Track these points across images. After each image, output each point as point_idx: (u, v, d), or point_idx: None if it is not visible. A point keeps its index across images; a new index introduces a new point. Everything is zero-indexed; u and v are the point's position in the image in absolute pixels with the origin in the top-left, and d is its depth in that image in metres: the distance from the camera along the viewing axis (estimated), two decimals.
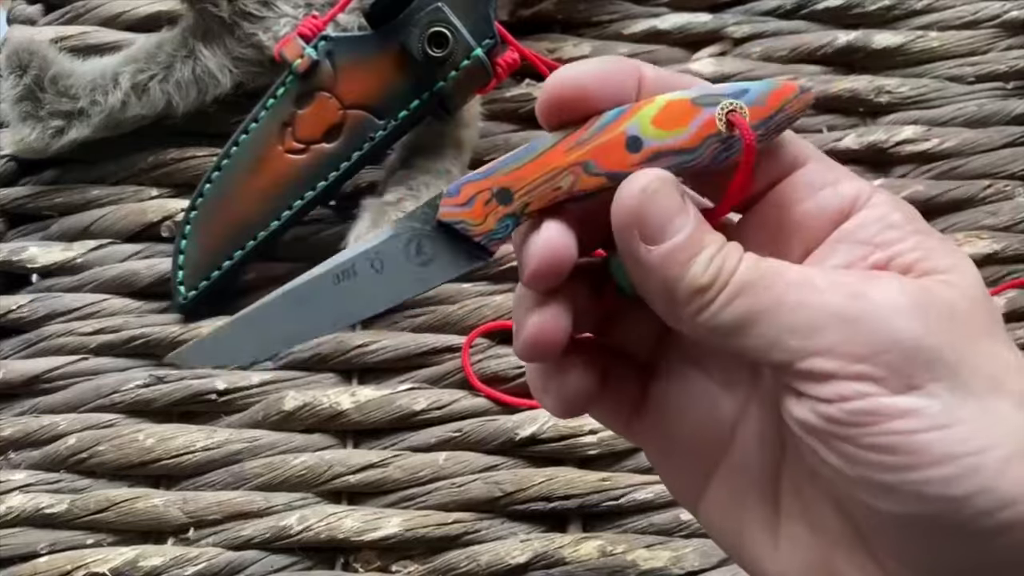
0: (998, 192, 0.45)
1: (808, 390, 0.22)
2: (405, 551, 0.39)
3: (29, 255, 0.46)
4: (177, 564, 0.39)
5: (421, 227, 0.27)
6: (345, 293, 0.27)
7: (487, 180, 0.26)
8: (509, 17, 0.48)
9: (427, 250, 0.27)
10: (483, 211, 0.26)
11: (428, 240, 0.27)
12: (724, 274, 0.23)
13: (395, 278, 0.27)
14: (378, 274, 0.27)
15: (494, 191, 0.26)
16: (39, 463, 0.42)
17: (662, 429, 0.27)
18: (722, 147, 0.25)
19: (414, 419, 0.41)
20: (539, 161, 0.25)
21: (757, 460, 0.26)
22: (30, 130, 0.46)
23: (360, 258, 0.27)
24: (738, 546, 0.26)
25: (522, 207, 0.26)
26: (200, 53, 0.45)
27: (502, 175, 0.26)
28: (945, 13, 0.50)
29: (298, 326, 0.28)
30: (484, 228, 0.26)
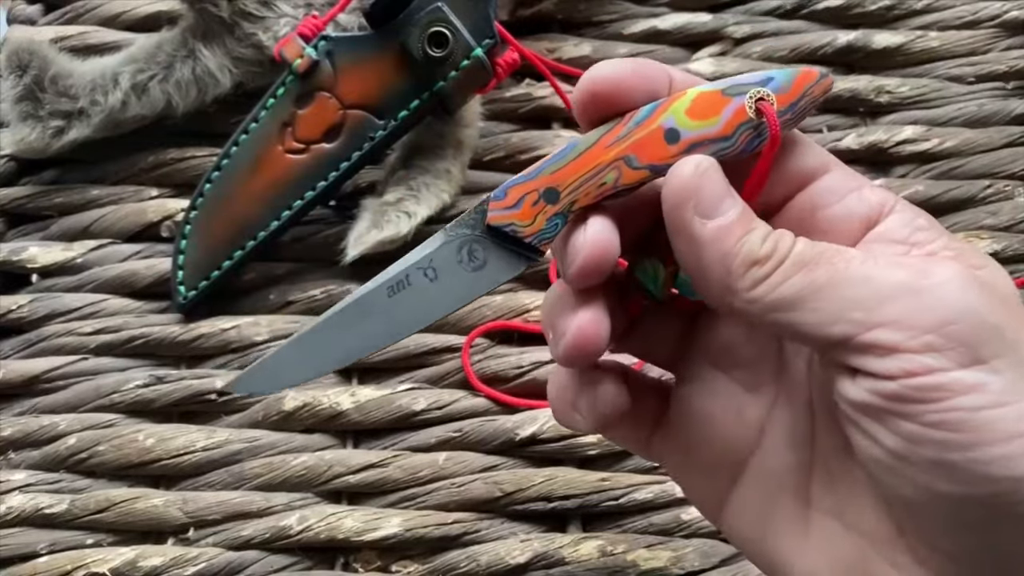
0: (998, 192, 0.45)
1: (868, 365, 0.22)
2: (405, 551, 0.39)
3: (29, 255, 0.46)
4: (177, 564, 0.39)
5: (471, 232, 0.27)
6: (401, 304, 0.28)
7: (533, 181, 0.26)
8: (509, 17, 0.48)
9: (479, 255, 0.27)
10: (531, 212, 0.26)
11: (479, 245, 0.27)
12: (782, 248, 0.23)
13: (450, 284, 0.27)
14: (433, 282, 0.27)
15: (541, 191, 0.26)
16: (39, 463, 0.42)
17: (685, 439, 0.27)
18: (754, 134, 0.26)
19: (414, 419, 0.41)
20: (582, 159, 0.26)
21: (787, 459, 0.26)
22: (30, 130, 0.46)
23: (412, 269, 0.27)
24: (765, 548, 0.26)
25: (569, 205, 0.26)
26: (200, 53, 0.45)
27: (547, 175, 0.26)
28: (945, 13, 0.50)
29: (355, 343, 0.28)
30: (534, 228, 0.26)
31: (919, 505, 0.22)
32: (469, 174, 0.46)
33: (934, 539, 0.22)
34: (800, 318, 0.22)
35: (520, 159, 0.46)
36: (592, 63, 0.50)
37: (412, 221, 0.42)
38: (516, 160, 0.46)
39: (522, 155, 0.46)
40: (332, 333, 0.28)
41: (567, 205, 0.26)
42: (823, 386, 0.25)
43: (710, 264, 0.23)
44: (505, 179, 0.48)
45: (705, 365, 0.27)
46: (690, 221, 0.23)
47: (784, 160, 0.26)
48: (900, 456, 0.21)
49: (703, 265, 0.23)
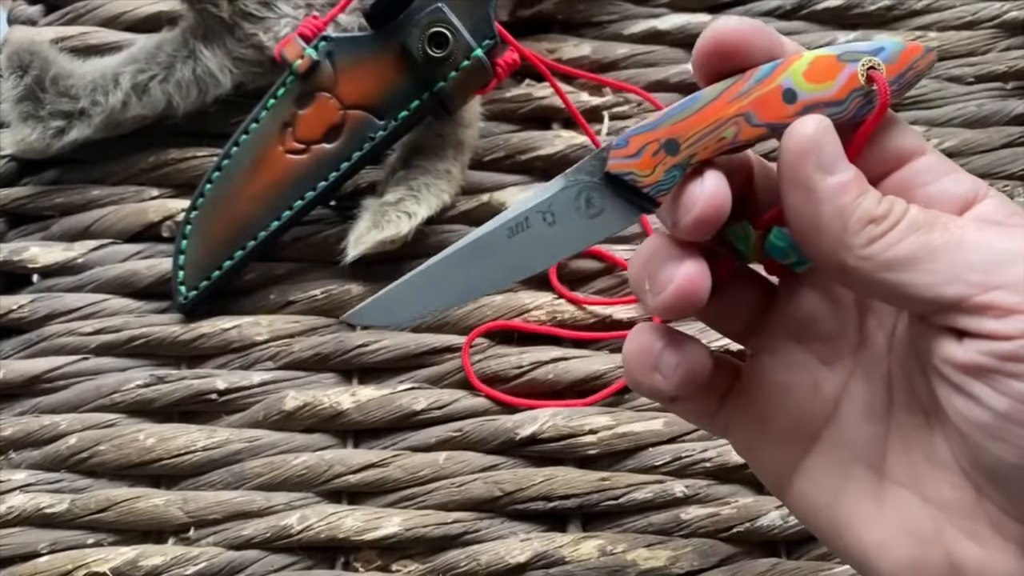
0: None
1: (983, 327, 0.22)
2: (405, 550, 0.39)
3: (30, 255, 0.46)
4: (178, 563, 0.39)
5: (589, 179, 0.27)
6: (520, 246, 0.28)
7: (655, 131, 0.26)
8: (509, 17, 0.48)
9: (596, 202, 0.27)
10: (651, 162, 0.26)
11: (597, 192, 0.27)
12: (897, 209, 0.24)
13: (567, 230, 0.28)
14: (551, 227, 0.28)
15: (662, 142, 0.26)
16: (40, 463, 0.42)
17: (759, 410, 0.28)
18: (863, 101, 0.26)
19: (414, 419, 0.41)
20: (703, 112, 0.26)
21: (862, 431, 0.26)
22: (31, 130, 0.46)
23: (532, 212, 0.28)
24: (835, 517, 0.26)
25: (688, 157, 0.26)
26: (200, 53, 0.45)
27: (669, 126, 0.26)
28: (944, 13, 0.50)
29: (475, 280, 0.28)
30: (653, 179, 0.26)
31: (1016, 470, 0.22)
32: (469, 174, 0.46)
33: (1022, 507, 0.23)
34: (912, 279, 0.23)
35: (520, 159, 0.46)
36: (592, 63, 0.50)
37: (412, 221, 0.43)
38: (516, 160, 0.46)
39: (522, 155, 0.46)
40: (451, 269, 0.28)
41: (686, 157, 0.26)
42: (910, 356, 0.26)
43: (827, 219, 0.24)
44: (505, 179, 0.49)
45: (783, 337, 0.27)
46: (811, 175, 0.24)
47: (883, 137, 0.26)
48: (1008, 417, 0.22)
49: (819, 220, 0.24)
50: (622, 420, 0.41)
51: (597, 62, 0.49)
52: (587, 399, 0.41)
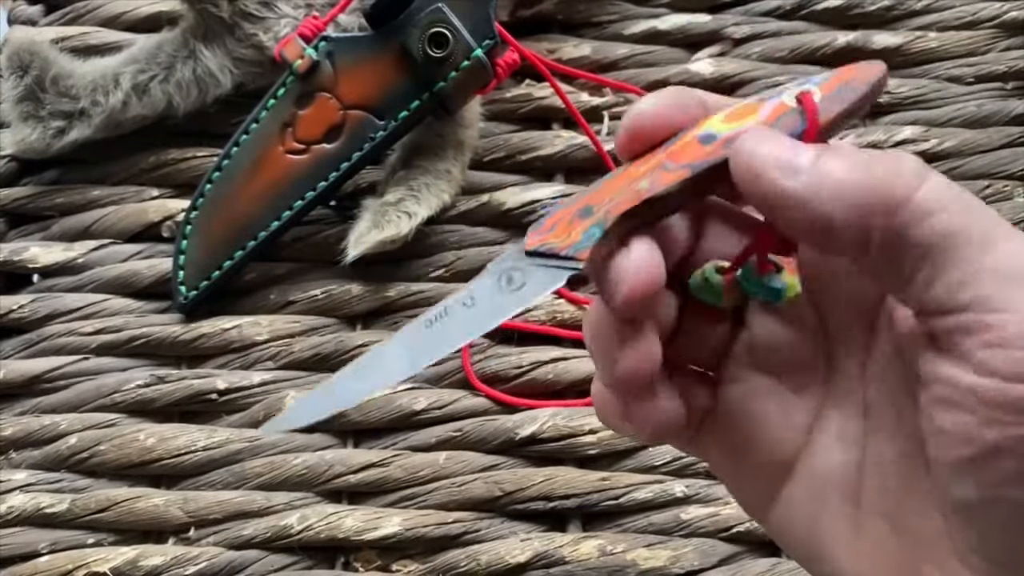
0: (997, 192, 0.46)
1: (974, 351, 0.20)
2: (405, 550, 0.39)
3: (30, 255, 0.46)
4: (178, 563, 0.39)
5: (510, 263, 0.27)
6: (438, 331, 0.28)
7: (569, 207, 0.26)
8: (509, 17, 0.48)
9: (518, 278, 0.27)
10: (567, 229, 0.26)
11: (518, 270, 0.27)
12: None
13: (489, 307, 0.27)
14: (470, 309, 0.28)
15: (576, 211, 0.26)
16: (40, 463, 0.42)
17: (730, 439, 0.27)
18: (800, 120, 0.24)
19: (414, 419, 0.41)
20: (617, 179, 0.26)
21: (836, 461, 0.25)
22: (31, 130, 0.46)
23: (452, 302, 0.28)
24: (813, 550, 0.26)
25: (603, 214, 0.25)
26: (201, 53, 0.45)
27: (583, 198, 0.26)
28: (944, 14, 0.50)
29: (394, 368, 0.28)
30: (569, 241, 0.26)
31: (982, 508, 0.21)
32: (469, 174, 0.46)
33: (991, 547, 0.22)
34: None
35: (520, 159, 0.46)
36: (592, 63, 0.50)
37: (412, 221, 0.43)
38: (516, 160, 0.46)
39: (522, 155, 0.46)
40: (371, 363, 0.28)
41: (602, 215, 0.25)
42: (888, 380, 0.24)
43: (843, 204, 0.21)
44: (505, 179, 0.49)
45: (749, 367, 0.26)
46: (782, 186, 0.21)
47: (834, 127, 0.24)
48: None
49: (831, 220, 0.21)
50: None
51: (597, 62, 0.49)
52: (587, 399, 0.41)
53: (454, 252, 0.45)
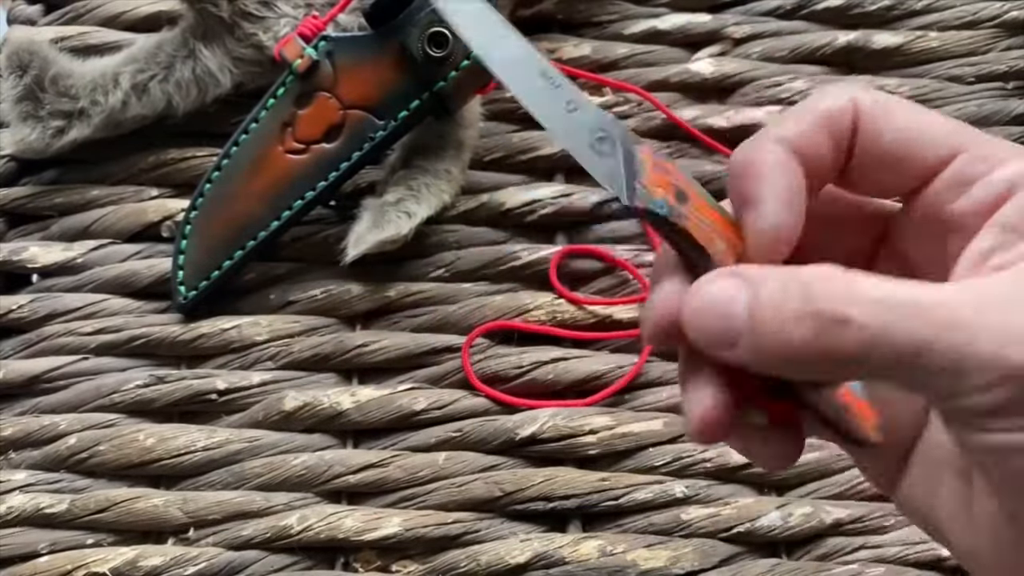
0: None
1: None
2: (405, 551, 0.39)
3: (29, 255, 0.46)
4: (177, 564, 0.39)
5: (617, 132, 0.26)
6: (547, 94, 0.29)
7: (683, 176, 0.25)
8: (509, 17, 0.48)
9: (607, 150, 0.26)
10: (664, 183, 0.25)
11: (609, 143, 0.26)
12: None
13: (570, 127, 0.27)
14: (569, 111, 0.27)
15: (681, 187, 0.25)
16: (39, 463, 0.42)
17: None
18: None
19: (414, 419, 0.41)
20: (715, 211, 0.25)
21: (949, 441, 0.24)
22: (30, 130, 0.46)
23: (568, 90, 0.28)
24: (933, 526, 0.26)
25: (680, 216, 0.24)
26: (200, 53, 0.45)
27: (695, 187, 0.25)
28: (945, 13, 0.50)
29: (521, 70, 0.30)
30: (651, 194, 0.25)
31: None
32: (469, 174, 0.46)
33: None
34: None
35: (520, 159, 0.46)
36: (592, 63, 0.50)
37: (412, 221, 0.42)
38: (516, 160, 0.46)
39: (522, 155, 0.46)
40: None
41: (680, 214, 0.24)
42: None
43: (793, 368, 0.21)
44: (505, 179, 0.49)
45: None
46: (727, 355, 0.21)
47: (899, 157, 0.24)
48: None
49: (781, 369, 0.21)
50: (622, 420, 0.41)
51: (597, 62, 0.49)
52: (587, 399, 0.41)
53: (454, 252, 0.45)
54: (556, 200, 0.45)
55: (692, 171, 0.46)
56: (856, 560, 0.38)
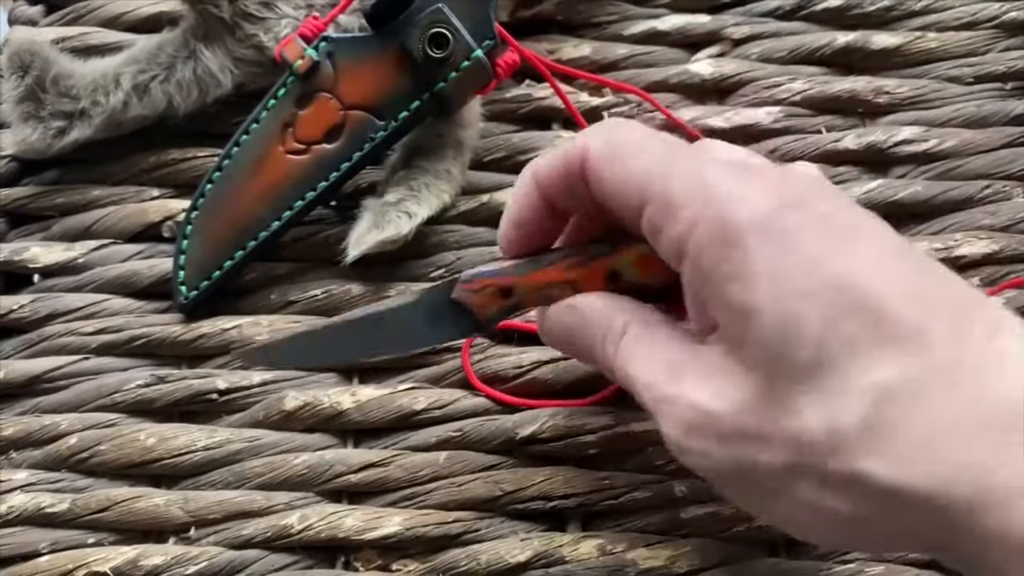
0: (997, 192, 0.46)
1: None
2: (405, 550, 0.39)
3: (31, 255, 0.46)
4: (178, 563, 0.39)
5: (440, 297, 0.35)
6: (376, 335, 0.36)
7: (497, 279, 0.34)
8: (509, 18, 0.48)
9: (442, 316, 0.35)
10: (488, 300, 0.34)
11: (443, 310, 0.35)
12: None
13: (414, 332, 0.36)
14: (401, 326, 0.36)
15: (500, 289, 0.34)
16: (40, 462, 0.42)
17: None
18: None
19: (414, 419, 0.41)
20: (541, 273, 0.33)
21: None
22: (31, 130, 0.46)
23: (389, 312, 0.36)
24: None
25: (518, 302, 0.34)
26: (201, 54, 0.45)
27: (509, 277, 0.34)
28: (944, 14, 0.50)
29: (339, 353, 0.38)
30: (486, 314, 0.34)
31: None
32: (469, 174, 0.46)
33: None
34: None
35: (520, 159, 0.47)
36: (592, 64, 0.50)
37: (413, 221, 0.43)
38: (516, 160, 0.47)
39: (522, 155, 0.47)
40: (324, 339, 0.37)
41: (515, 303, 0.34)
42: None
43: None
44: (505, 179, 0.49)
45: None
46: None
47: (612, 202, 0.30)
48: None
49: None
50: (622, 420, 0.41)
51: (597, 62, 0.49)
52: (587, 399, 0.41)
53: (454, 252, 0.45)
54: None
55: None
56: (855, 559, 0.39)
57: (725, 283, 0.26)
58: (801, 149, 0.47)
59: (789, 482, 0.26)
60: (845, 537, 0.28)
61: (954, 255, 0.44)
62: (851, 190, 0.45)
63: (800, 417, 0.25)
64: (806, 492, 0.26)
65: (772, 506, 0.28)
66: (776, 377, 0.26)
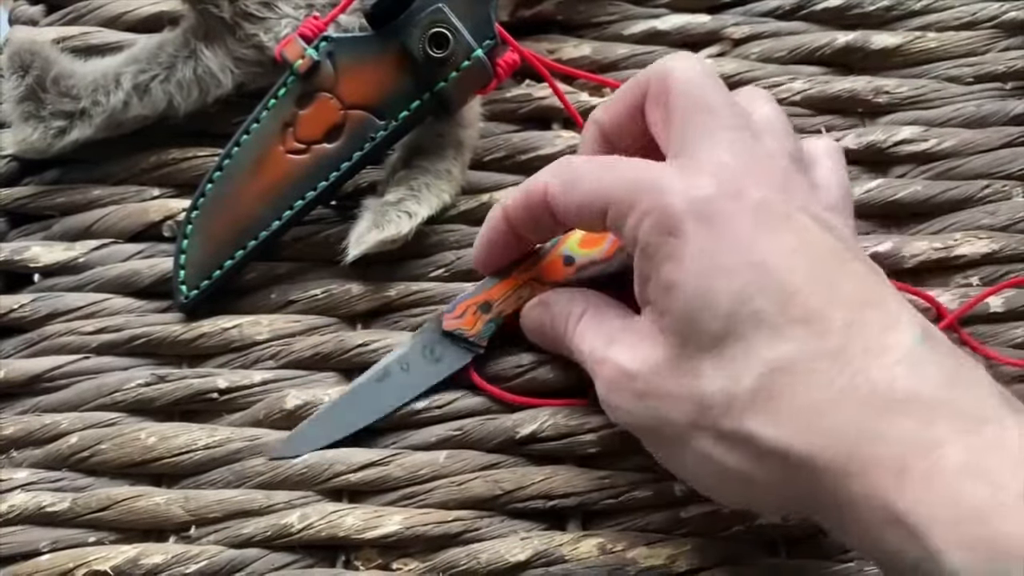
0: (996, 192, 0.46)
1: None
2: (405, 549, 0.40)
3: (31, 254, 0.46)
4: (179, 562, 0.39)
5: (432, 336, 0.40)
6: (384, 390, 0.40)
7: (474, 298, 0.40)
8: (509, 18, 0.48)
9: (438, 352, 0.40)
10: (473, 319, 0.39)
11: (438, 345, 0.40)
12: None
13: (419, 374, 0.40)
14: (406, 373, 0.40)
15: (479, 305, 0.39)
16: (41, 462, 0.42)
17: None
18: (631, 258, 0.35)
19: (414, 418, 0.41)
20: (505, 282, 0.40)
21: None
22: (32, 130, 0.46)
23: (391, 363, 0.40)
24: None
25: (498, 312, 0.40)
26: (202, 53, 0.45)
27: (482, 293, 0.40)
28: (943, 14, 0.50)
29: (355, 418, 0.40)
30: (475, 331, 0.40)
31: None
32: (469, 174, 0.46)
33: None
34: None
35: (520, 159, 0.47)
36: (592, 64, 0.50)
37: (413, 221, 0.43)
38: (516, 160, 0.47)
39: (522, 155, 0.47)
40: (338, 412, 0.40)
41: (496, 314, 0.40)
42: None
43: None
44: (505, 179, 0.49)
45: None
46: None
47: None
48: None
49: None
50: None
51: (597, 62, 0.49)
52: (587, 398, 0.41)
53: (454, 252, 0.45)
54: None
55: None
56: (854, 558, 0.39)
57: (662, 264, 0.30)
58: None
59: (691, 437, 0.30)
60: (739, 496, 0.32)
61: (954, 254, 0.44)
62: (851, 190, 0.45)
63: (702, 379, 0.29)
64: (705, 446, 0.30)
65: (680, 458, 0.32)
66: (687, 343, 0.30)
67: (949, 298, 0.43)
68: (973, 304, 0.43)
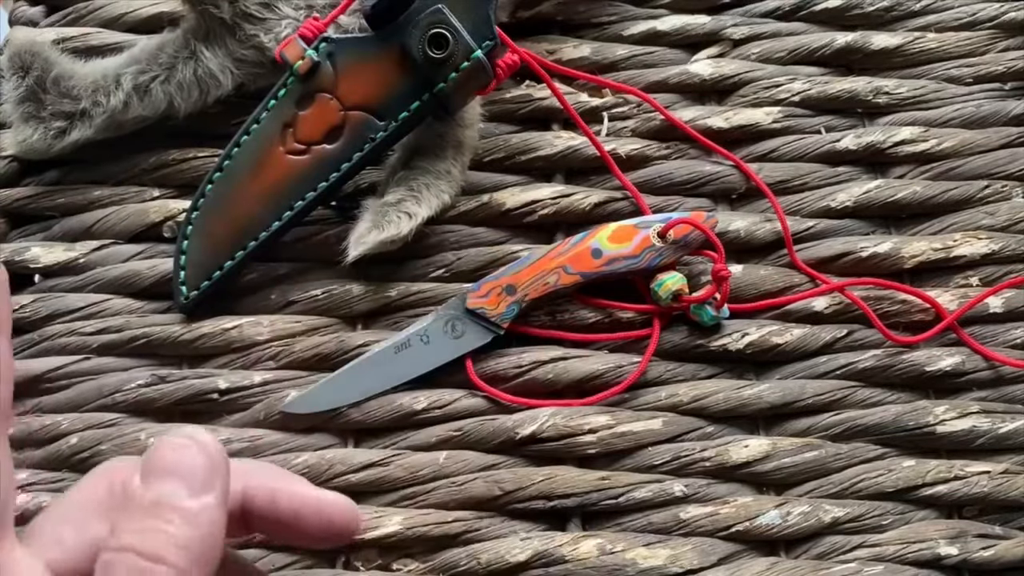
0: (996, 192, 0.46)
1: None
2: (405, 549, 0.40)
3: (32, 255, 0.46)
4: None
5: (455, 312, 0.41)
6: (403, 359, 0.41)
7: (499, 280, 0.41)
8: (509, 18, 0.48)
9: (459, 328, 0.41)
10: (496, 300, 0.41)
11: (460, 321, 0.41)
12: None
13: (439, 347, 0.41)
14: (426, 345, 0.41)
15: (504, 287, 0.41)
16: (41, 462, 0.42)
17: None
18: (655, 255, 0.41)
19: (414, 418, 0.41)
20: (533, 266, 0.41)
21: None
22: (32, 131, 0.46)
23: (413, 335, 0.41)
24: None
25: (523, 296, 0.41)
26: (202, 54, 0.45)
27: (509, 276, 0.41)
28: (943, 14, 0.50)
29: (372, 383, 0.41)
30: (497, 312, 0.41)
31: None
32: (469, 174, 0.46)
33: None
34: None
35: (520, 159, 0.47)
36: (591, 64, 0.50)
37: (413, 221, 0.43)
38: (516, 161, 0.47)
39: (522, 156, 0.47)
40: (356, 375, 0.41)
41: (521, 296, 0.41)
42: None
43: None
44: (504, 179, 0.49)
45: None
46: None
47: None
48: None
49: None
50: (621, 419, 0.41)
51: (597, 63, 0.49)
52: (587, 399, 0.41)
53: (454, 252, 0.45)
54: (556, 200, 0.45)
55: (691, 171, 0.46)
56: (854, 559, 0.39)
57: None
58: (800, 149, 0.47)
59: None
60: None
61: (953, 255, 0.44)
62: (850, 190, 0.45)
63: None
64: None
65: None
66: None
67: (949, 298, 0.43)
68: (973, 304, 0.43)
